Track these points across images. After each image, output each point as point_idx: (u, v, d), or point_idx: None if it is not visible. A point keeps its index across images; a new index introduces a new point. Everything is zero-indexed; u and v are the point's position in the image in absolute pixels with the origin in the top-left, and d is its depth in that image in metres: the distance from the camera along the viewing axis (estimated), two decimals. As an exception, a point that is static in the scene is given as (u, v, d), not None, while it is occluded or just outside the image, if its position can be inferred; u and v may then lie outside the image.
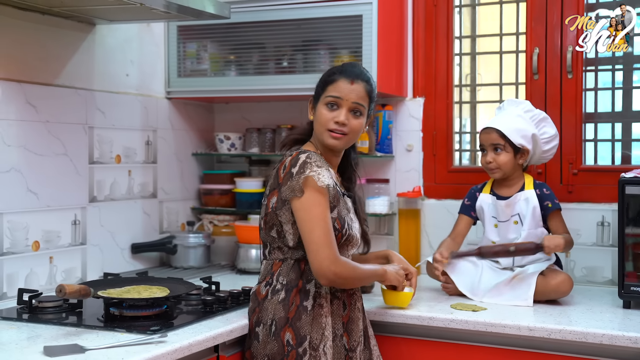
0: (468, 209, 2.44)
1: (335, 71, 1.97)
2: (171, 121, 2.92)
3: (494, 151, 2.33)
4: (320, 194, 1.84)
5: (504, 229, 2.34)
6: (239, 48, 2.80)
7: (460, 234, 2.44)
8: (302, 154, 1.89)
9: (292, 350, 1.83)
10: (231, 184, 3.00)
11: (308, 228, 1.83)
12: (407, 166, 2.83)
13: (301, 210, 1.84)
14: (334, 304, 1.91)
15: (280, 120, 2.98)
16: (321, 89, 1.97)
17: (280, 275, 1.91)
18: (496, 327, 1.98)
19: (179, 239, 2.81)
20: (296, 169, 1.85)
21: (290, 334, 1.84)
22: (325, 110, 1.94)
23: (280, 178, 1.89)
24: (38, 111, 2.29)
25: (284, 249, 1.92)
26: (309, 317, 1.85)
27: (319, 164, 1.87)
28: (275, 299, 1.88)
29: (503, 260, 2.33)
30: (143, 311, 1.90)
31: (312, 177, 1.83)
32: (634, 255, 2.16)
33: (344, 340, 1.91)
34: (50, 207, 2.35)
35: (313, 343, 1.83)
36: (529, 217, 2.30)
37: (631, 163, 2.60)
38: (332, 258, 1.82)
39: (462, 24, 2.86)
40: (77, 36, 2.46)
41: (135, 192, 2.73)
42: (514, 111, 2.36)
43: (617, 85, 2.63)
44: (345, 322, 1.93)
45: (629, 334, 1.86)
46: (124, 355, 1.56)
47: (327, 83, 1.95)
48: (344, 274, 1.85)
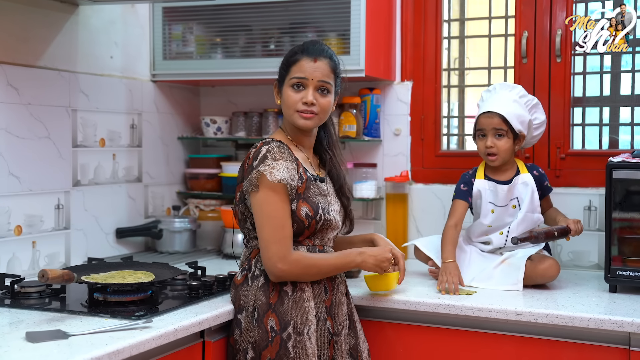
0: (465, 195, 2.37)
1: (297, 51, 1.93)
2: (156, 104, 2.89)
3: (494, 136, 2.30)
4: (272, 190, 1.82)
5: (501, 214, 2.32)
6: (225, 30, 2.76)
7: (461, 220, 2.35)
8: (265, 145, 1.87)
9: (277, 336, 1.82)
10: (217, 168, 2.98)
11: (259, 225, 1.84)
12: (395, 150, 2.82)
13: (254, 207, 1.85)
14: (315, 288, 1.89)
15: (267, 104, 2.95)
16: (285, 70, 1.93)
17: (258, 261, 1.89)
18: (483, 311, 1.98)
19: (165, 224, 2.79)
20: (256, 162, 1.84)
21: (274, 320, 1.83)
22: (292, 91, 1.91)
23: (245, 171, 1.88)
24: (20, 93, 2.25)
25: None
26: (291, 301, 1.84)
27: (276, 157, 1.84)
28: (254, 284, 1.87)
29: (494, 243, 2.31)
30: (128, 296, 1.88)
31: (264, 173, 1.81)
32: (620, 240, 2.17)
33: (328, 324, 1.90)
34: (33, 191, 2.31)
35: (297, 327, 1.82)
36: (527, 201, 2.29)
37: (619, 147, 2.60)
38: (280, 255, 1.81)
39: (450, 7, 2.84)
40: (60, 17, 2.41)
41: (120, 176, 2.70)
42: (508, 96, 2.33)
43: (605, 70, 2.62)
44: (328, 306, 1.92)
45: (615, 317, 1.86)
46: (108, 341, 1.54)
47: (290, 64, 1.92)
48: (294, 271, 1.83)
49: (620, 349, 1.88)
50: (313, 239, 1.93)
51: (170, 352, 1.73)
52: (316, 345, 1.85)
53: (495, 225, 2.32)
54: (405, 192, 2.75)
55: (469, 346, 2.03)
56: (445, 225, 2.33)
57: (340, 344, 1.92)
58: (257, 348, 1.83)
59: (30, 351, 1.48)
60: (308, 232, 1.90)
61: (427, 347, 2.08)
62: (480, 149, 2.35)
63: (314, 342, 1.84)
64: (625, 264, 2.13)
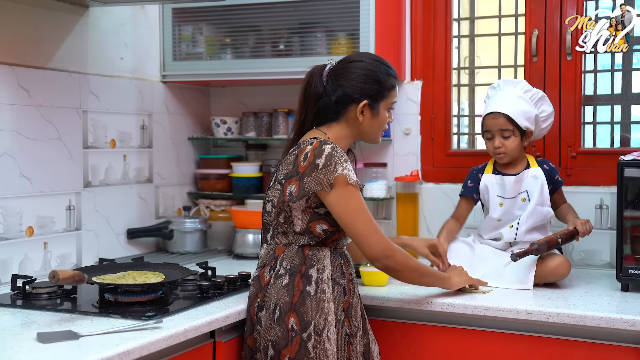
0: (471, 191, 2.40)
1: (392, 75, 2.00)
2: (167, 105, 2.90)
3: (501, 137, 2.30)
4: (353, 187, 1.85)
5: (510, 206, 2.31)
6: (234, 31, 2.77)
7: (462, 215, 2.43)
8: (326, 144, 1.87)
9: (297, 336, 1.82)
10: (228, 168, 2.98)
11: (350, 221, 1.85)
12: (405, 150, 2.81)
13: (337, 205, 1.85)
14: (335, 289, 1.89)
15: (277, 104, 2.96)
16: (385, 92, 1.98)
17: (284, 260, 1.89)
18: (494, 311, 1.97)
19: (175, 224, 2.80)
20: (322, 161, 1.84)
21: (295, 320, 1.83)
22: (386, 114, 2.02)
23: (301, 167, 1.86)
24: (31, 95, 2.27)
25: (288, 234, 1.90)
26: (312, 302, 1.84)
27: (345, 158, 1.87)
28: (278, 283, 1.87)
29: (504, 237, 2.31)
30: (138, 297, 1.89)
31: (345, 175, 1.83)
32: (632, 238, 2.15)
33: (345, 326, 1.90)
34: (44, 192, 2.33)
35: (317, 328, 1.82)
36: (537, 194, 2.28)
37: (630, 145, 2.58)
38: (384, 244, 1.88)
39: (460, 6, 2.83)
40: (70, 19, 2.43)
41: (131, 177, 2.71)
42: (513, 92, 2.33)
43: (616, 67, 2.60)
44: (346, 307, 1.92)
45: (626, 316, 1.85)
46: (119, 342, 1.55)
47: (390, 88, 1.99)
48: (399, 257, 1.90)
49: (633, 348, 1.87)
50: (336, 242, 1.95)
51: (181, 352, 1.74)
52: (335, 346, 1.85)
53: (505, 218, 2.31)
54: (416, 191, 2.74)
55: (480, 346, 2.02)
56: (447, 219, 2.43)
57: (355, 345, 1.92)
58: (277, 347, 1.83)
59: (42, 352, 1.48)
60: (337, 235, 1.92)
61: (437, 347, 2.07)
62: (489, 149, 2.36)
63: (333, 344, 1.84)
64: (638, 263, 2.12)
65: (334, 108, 1.96)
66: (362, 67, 1.96)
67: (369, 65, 1.97)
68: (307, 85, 1.98)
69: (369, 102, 1.95)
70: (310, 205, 1.87)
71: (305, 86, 1.99)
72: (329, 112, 1.96)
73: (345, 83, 1.95)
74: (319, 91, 1.96)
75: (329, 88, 1.96)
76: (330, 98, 1.95)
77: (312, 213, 1.87)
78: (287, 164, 1.91)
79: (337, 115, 1.97)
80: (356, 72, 1.95)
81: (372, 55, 2.05)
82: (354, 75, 1.95)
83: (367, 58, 1.99)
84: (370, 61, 1.98)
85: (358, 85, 1.94)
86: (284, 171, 1.91)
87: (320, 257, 1.89)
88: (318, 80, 1.96)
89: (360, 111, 1.95)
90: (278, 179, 1.92)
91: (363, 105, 1.95)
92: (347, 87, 1.95)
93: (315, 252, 1.89)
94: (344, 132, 1.98)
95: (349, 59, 2.00)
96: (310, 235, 1.89)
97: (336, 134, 1.97)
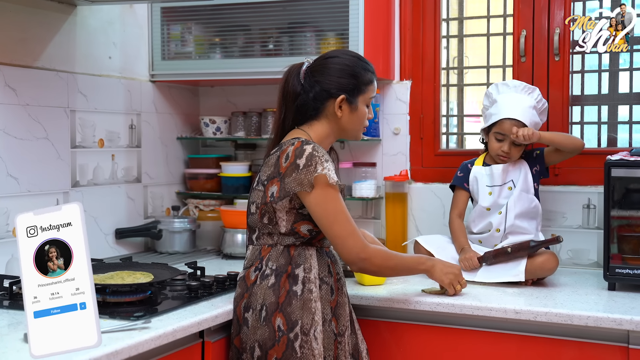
0: (461, 180, 2.45)
1: (370, 70, 2.00)
2: (155, 105, 2.89)
3: (513, 143, 2.34)
4: (331, 188, 1.84)
5: (498, 195, 2.36)
6: (224, 30, 2.76)
7: (463, 211, 2.45)
8: (307, 144, 1.86)
9: (283, 336, 1.82)
10: (217, 168, 2.98)
11: (328, 223, 1.84)
12: (394, 150, 2.81)
13: (316, 206, 1.84)
14: (322, 289, 1.90)
15: (266, 104, 2.95)
16: (362, 86, 1.97)
17: (270, 260, 1.89)
18: (482, 310, 1.98)
19: (164, 224, 2.79)
20: (302, 161, 1.83)
21: (281, 320, 1.83)
22: (366, 109, 1.99)
23: (282, 167, 1.86)
24: (18, 94, 2.25)
25: (274, 235, 1.90)
26: (299, 302, 1.84)
27: (327, 158, 1.86)
28: (264, 284, 1.87)
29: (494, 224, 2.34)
30: (126, 297, 1.88)
31: (325, 175, 1.82)
32: (619, 238, 2.17)
33: (333, 325, 1.90)
34: (32, 192, 2.31)
35: (304, 328, 1.82)
36: (521, 180, 2.34)
37: (617, 145, 2.60)
38: (358, 246, 1.86)
39: (449, 6, 2.84)
40: (58, 17, 2.41)
41: (119, 176, 2.70)
42: (527, 101, 2.36)
43: (603, 68, 2.62)
44: (333, 307, 1.92)
45: (613, 315, 1.86)
46: (107, 342, 1.54)
47: (367, 83, 1.98)
48: (375, 261, 1.90)
49: (619, 347, 1.88)
50: (322, 241, 1.95)
51: (170, 352, 1.73)
52: (322, 346, 1.85)
53: (494, 207, 2.36)
54: (405, 191, 2.75)
55: (468, 345, 2.03)
56: (450, 217, 2.43)
57: (344, 344, 1.92)
58: (264, 347, 1.83)
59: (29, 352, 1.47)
60: (323, 235, 1.91)
61: (426, 346, 2.08)
62: (493, 149, 2.38)
63: (320, 343, 1.84)
64: (624, 262, 2.13)
65: (313, 105, 1.95)
66: (339, 62, 1.96)
67: (346, 60, 1.97)
68: (285, 84, 1.98)
69: (346, 96, 1.94)
70: (294, 206, 1.86)
71: (283, 85, 1.98)
72: (308, 109, 1.96)
73: (322, 79, 1.94)
74: (297, 89, 1.96)
75: (306, 85, 1.95)
76: (308, 95, 1.95)
77: (296, 214, 1.87)
78: (269, 165, 1.91)
79: (316, 112, 1.96)
80: (333, 67, 1.95)
81: (349, 51, 2.05)
82: (330, 70, 1.95)
83: (343, 54, 2.00)
84: (346, 57, 1.98)
85: (335, 80, 1.94)
86: (267, 172, 1.91)
87: (307, 257, 1.89)
88: (295, 78, 1.96)
89: (339, 106, 1.94)
90: (261, 180, 1.92)
91: (341, 100, 1.94)
92: (324, 82, 1.94)
93: (301, 251, 1.89)
94: (325, 130, 1.97)
95: (326, 56, 2.00)
96: (295, 235, 1.88)
97: (317, 132, 1.96)
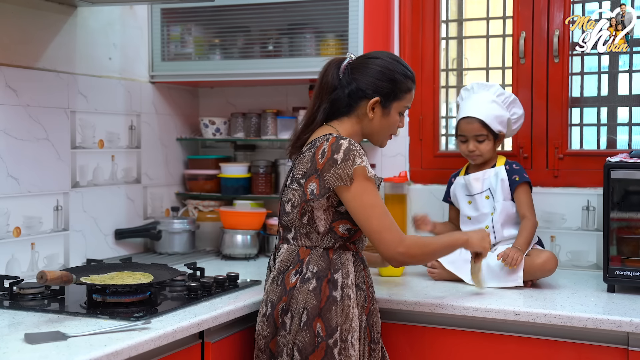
0: (446, 195, 2.54)
1: (410, 77, 1.97)
2: (155, 106, 2.89)
3: (476, 140, 2.36)
4: (368, 181, 1.83)
5: (477, 203, 2.39)
6: (223, 31, 2.76)
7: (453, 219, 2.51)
8: (342, 139, 1.84)
9: (322, 342, 1.79)
10: (216, 169, 2.98)
11: (364, 217, 1.82)
12: (394, 151, 2.82)
13: (353, 200, 1.82)
14: (358, 295, 1.88)
15: (266, 105, 2.96)
16: (398, 93, 1.94)
17: (310, 263, 1.86)
18: (482, 311, 1.98)
19: (164, 225, 2.79)
20: (340, 156, 1.81)
21: (321, 325, 1.80)
22: (398, 117, 1.98)
23: (319, 164, 1.83)
24: (18, 95, 2.25)
25: (312, 235, 1.87)
26: (338, 308, 1.82)
27: (363, 152, 1.85)
28: (305, 287, 1.83)
29: None
30: (126, 297, 1.88)
31: (364, 168, 1.82)
32: (618, 240, 2.17)
33: (366, 333, 1.89)
34: (32, 193, 2.31)
35: (342, 334, 1.80)
36: (499, 190, 2.35)
37: (616, 147, 2.60)
38: (396, 240, 1.83)
39: (448, 8, 2.84)
40: (58, 18, 2.42)
41: (119, 177, 2.70)
42: (486, 96, 2.37)
43: (603, 70, 2.62)
44: (367, 314, 1.90)
45: (613, 317, 1.86)
46: (107, 342, 1.54)
47: (404, 90, 1.96)
48: (413, 252, 1.87)
49: (619, 349, 1.88)
50: (356, 244, 1.93)
51: (169, 353, 1.73)
52: (359, 353, 1.84)
53: (475, 216, 2.38)
54: (404, 192, 2.74)
55: (468, 346, 2.03)
56: None
57: (377, 352, 1.91)
58: (304, 352, 1.80)
59: (29, 352, 1.48)
60: (359, 235, 1.90)
61: (425, 348, 2.08)
62: (462, 151, 2.42)
63: (357, 350, 1.82)
64: (624, 264, 2.14)
65: (346, 101, 1.93)
66: (380, 64, 1.94)
67: (387, 63, 1.94)
68: (324, 75, 1.95)
69: (380, 99, 1.93)
70: (331, 203, 1.84)
71: (322, 76, 1.96)
72: (341, 104, 1.94)
73: (360, 77, 1.93)
74: (335, 83, 1.94)
75: (344, 80, 1.94)
76: (343, 91, 1.93)
77: (334, 212, 1.85)
78: (303, 163, 1.88)
79: (348, 109, 1.94)
80: (373, 67, 1.93)
81: (393, 55, 2.01)
82: (370, 70, 1.93)
83: (386, 56, 1.97)
84: (389, 60, 1.95)
85: (372, 82, 1.92)
86: (302, 170, 1.88)
87: (344, 262, 1.87)
88: (335, 71, 1.94)
89: (371, 107, 1.93)
90: (296, 179, 1.89)
91: (374, 101, 1.92)
92: (361, 81, 1.92)
93: (339, 256, 1.87)
94: (354, 128, 1.96)
95: (369, 55, 1.98)
96: (333, 236, 1.86)
97: (346, 129, 1.95)
